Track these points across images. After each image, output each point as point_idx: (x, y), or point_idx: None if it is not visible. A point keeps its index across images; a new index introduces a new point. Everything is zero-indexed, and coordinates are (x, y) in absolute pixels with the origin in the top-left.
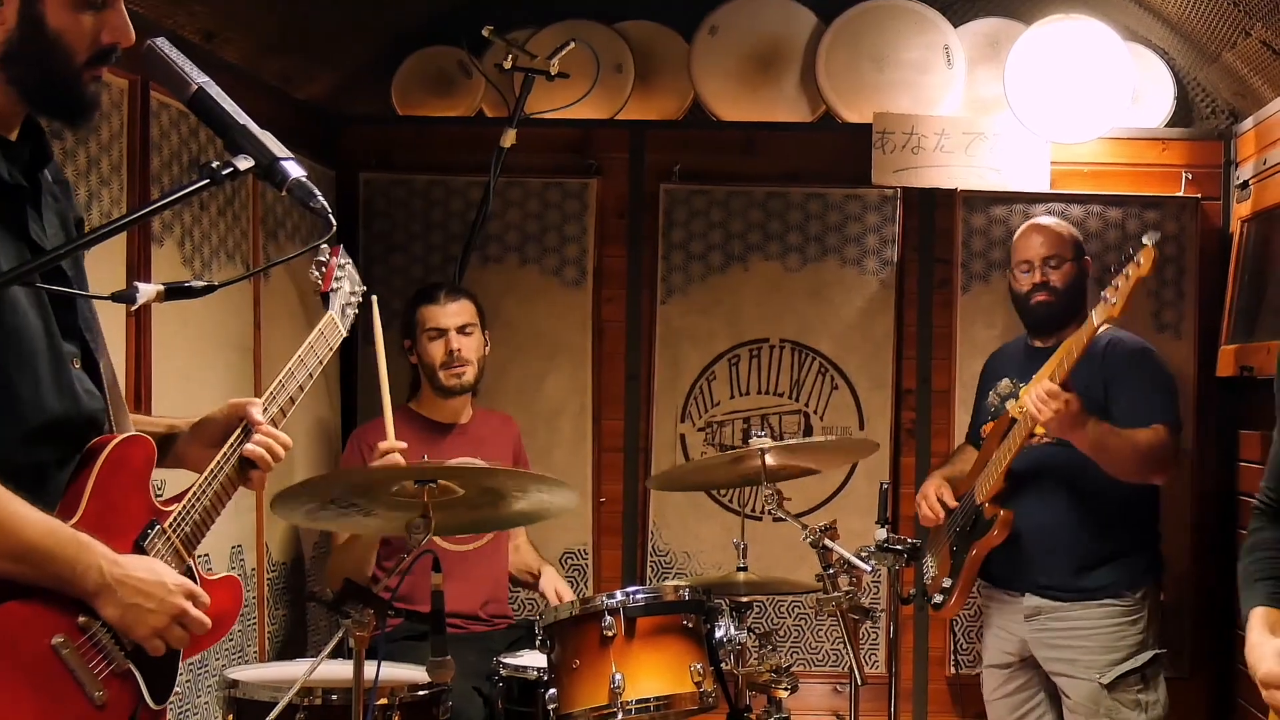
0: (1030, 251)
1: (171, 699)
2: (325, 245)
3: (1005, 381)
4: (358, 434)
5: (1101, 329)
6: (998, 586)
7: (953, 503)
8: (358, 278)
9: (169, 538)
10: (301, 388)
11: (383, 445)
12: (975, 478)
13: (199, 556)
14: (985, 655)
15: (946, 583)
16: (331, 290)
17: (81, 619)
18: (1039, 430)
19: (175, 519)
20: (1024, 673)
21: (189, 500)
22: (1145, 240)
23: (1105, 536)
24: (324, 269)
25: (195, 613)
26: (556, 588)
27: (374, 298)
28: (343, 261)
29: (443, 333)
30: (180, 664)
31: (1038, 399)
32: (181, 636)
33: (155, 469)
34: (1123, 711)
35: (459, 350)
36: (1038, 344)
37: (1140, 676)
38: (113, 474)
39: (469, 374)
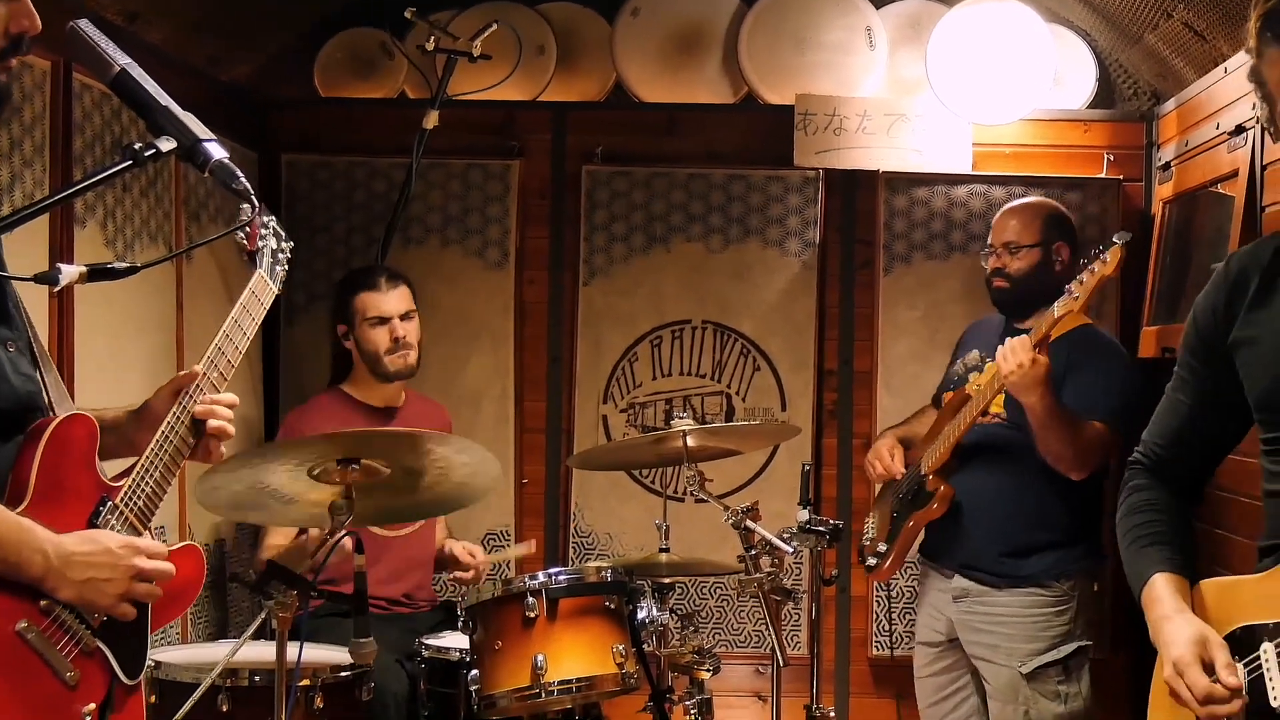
0: (994, 235)
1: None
2: (246, 205)
3: (974, 353)
4: (294, 417)
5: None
6: (932, 562)
7: (902, 468)
8: (283, 234)
9: (123, 513)
10: (239, 349)
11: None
12: (927, 445)
13: (155, 529)
14: (918, 632)
15: (882, 547)
16: (258, 249)
17: (43, 602)
18: (996, 409)
19: (126, 493)
20: (952, 653)
21: (139, 473)
22: (1115, 239)
23: (1039, 525)
24: (248, 228)
25: (151, 564)
26: (464, 545)
27: None
28: (266, 219)
29: (385, 320)
30: (150, 636)
31: (1007, 349)
32: (148, 590)
33: (106, 461)
34: (1041, 702)
35: (404, 337)
36: (1015, 324)
37: (1062, 668)
38: (58, 454)
39: (413, 356)
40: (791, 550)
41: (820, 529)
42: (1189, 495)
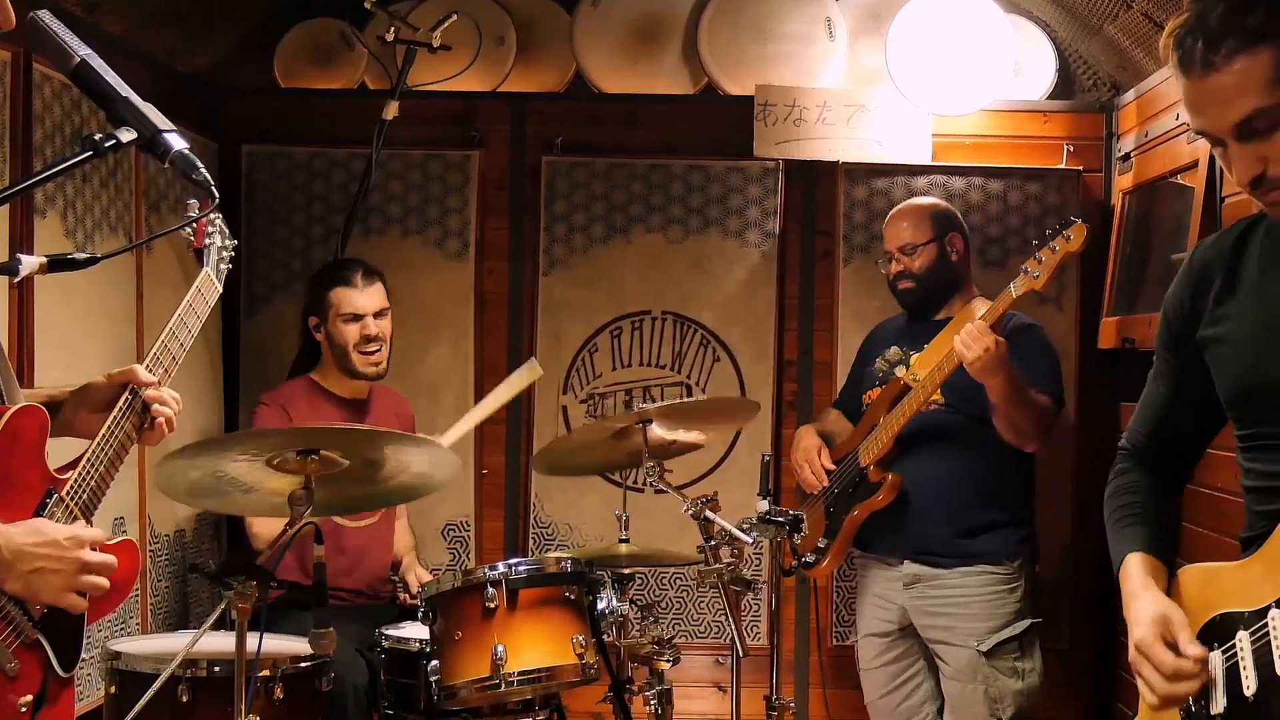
0: (889, 242)
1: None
2: (194, 201)
3: (895, 349)
4: (270, 398)
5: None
6: (875, 554)
7: (830, 465)
8: (228, 232)
9: (68, 505)
10: (184, 346)
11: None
12: (857, 441)
13: (115, 520)
14: (861, 625)
15: (821, 543)
16: (205, 246)
17: None
18: (936, 399)
19: (72, 486)
20: (903, 641)
21: (85, 466)
22: (1073, 219)
23: (986, 505)
24: (194, 226)
25: (96, 557)
26: (418, 574)
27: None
28: (213, 217)
29: (359, 317)
30: (85, 630)
31: (966, 336)
32: (94, 584)
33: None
34: (1000, 679)
35: (376, 334)
36: (919, 323)
37: (1018, 644)
38: (8, 447)
39: (384, 358)
40: (751, 541)
41: (780, 519)
42: (1175, 479)
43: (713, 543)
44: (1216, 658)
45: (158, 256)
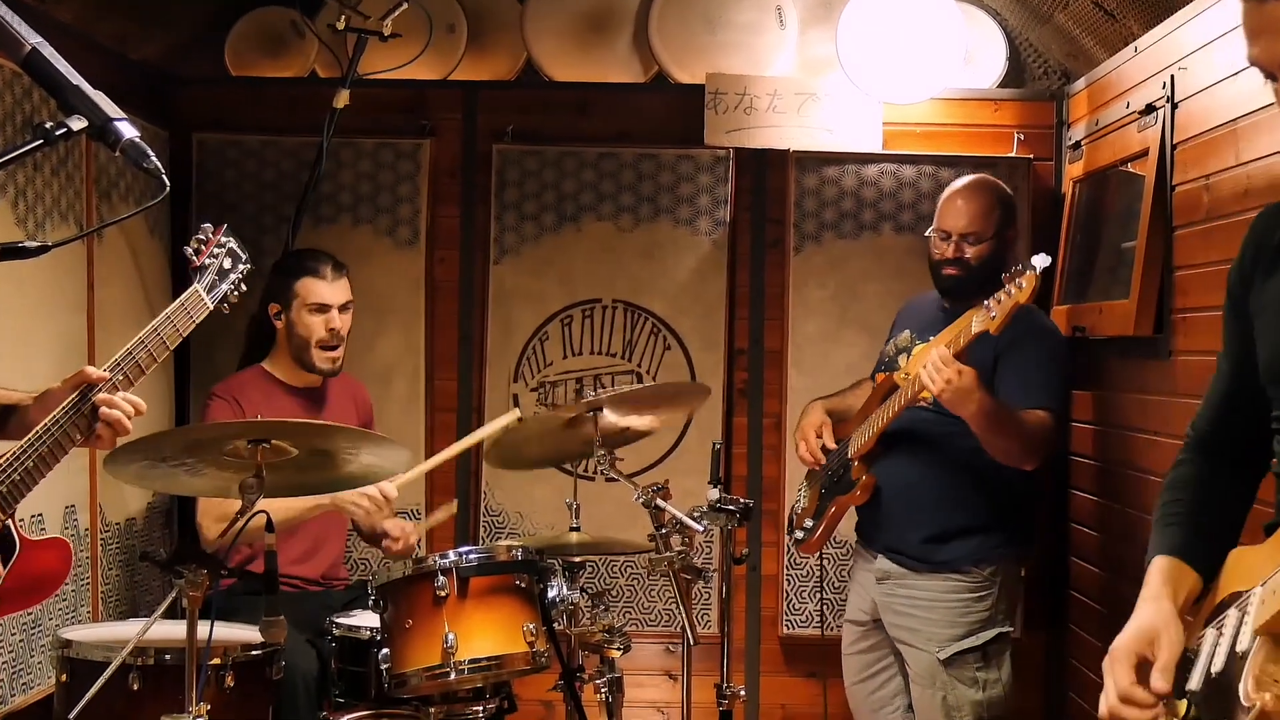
0: (950, 222)
1: None
2: (209, 225)
3: (906, 334)
4: (223, 389)
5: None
6: (861, 543)
7: (832, 444)
8: (243, 255)
9: None
10: (154, 357)
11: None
12: (855, 426)
13: (33, 516)
14: (847, 608)
15: (809, 522)
16: (202, 266)
17: None
18: (924, 396)
19: None
20: (877, 633)
21: (9, 458)
22: (1034, 262)
23: (961, 509)
24: (203, 245)
25: None
26: (396, 521)
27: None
28: (224, 239)
29: (326, 309)
30: None
31: (931, 368)
32: None
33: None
34: (959, 687)
35: (339, 329)
36: (948, 304)
37: (981, 654)
38: None
39: (341, 356)
40: (702, 529)
41: (730, 507)
42: (1244, 468)
43: (663, 531)
44: (1210, 635)
45: (109, 246)
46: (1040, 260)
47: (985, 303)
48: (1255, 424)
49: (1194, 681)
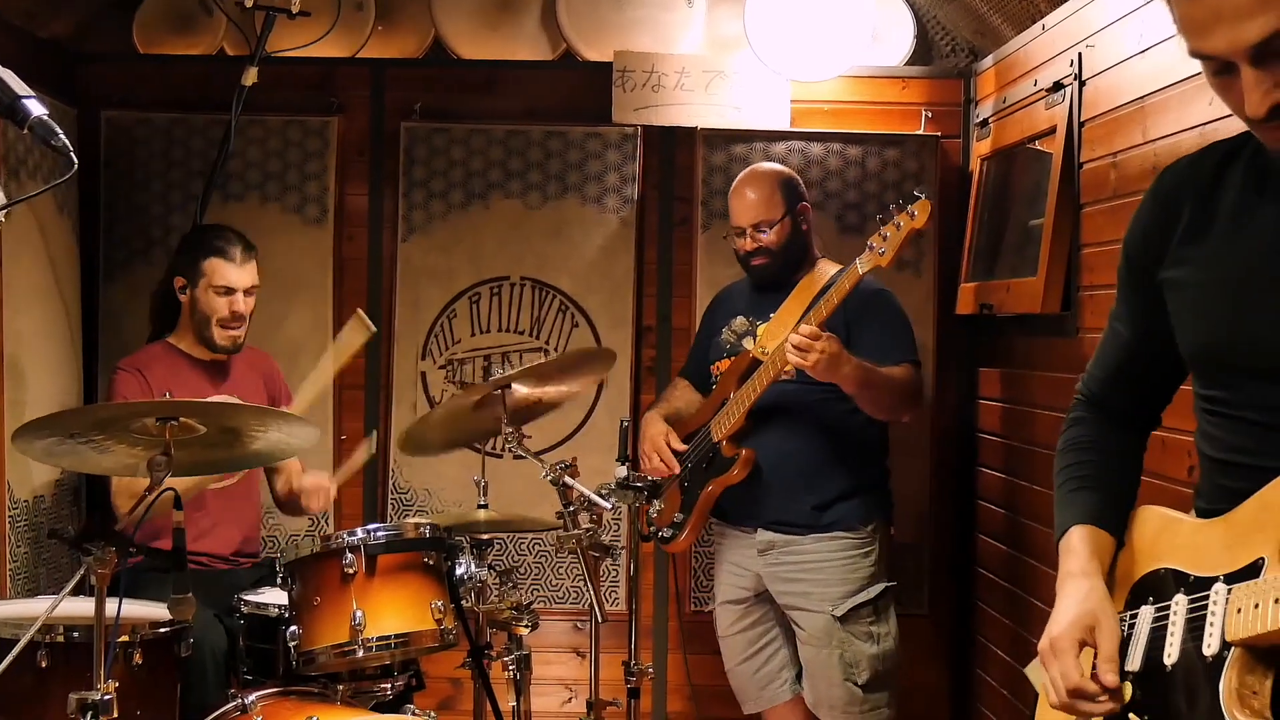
0: (739, 218)
1: None
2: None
3: (740, 319)
4: (129, 363)
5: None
6: (730, 523)
7: (680, 446)
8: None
9: None
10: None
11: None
12: (708, 416)
13: None
14: (718, 592)
15: (678, 518)
16: None
17: None
18: (788, 370)
19: None
20: (759, 608)
21: None
22: (918, 193)
23: (840, 472)
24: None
25: None
26: (312, 477)
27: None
28: None
29: (231, 291)
30: None
31: (798, 346)
32: None
33: None
34: (855, 643)
35: (242, 312)
36: (770, 293)
37: (872, 608)
38: None
39: (243, 334)
40: (610, 506)
41: (638, 485)
42: (1139, 429)
43: (571, 508)
44: (1146, 613)
45: (16, 223)
46: (921, 191)
47: (869, 242)
48: (1152, 389)
49: (1133, 662)
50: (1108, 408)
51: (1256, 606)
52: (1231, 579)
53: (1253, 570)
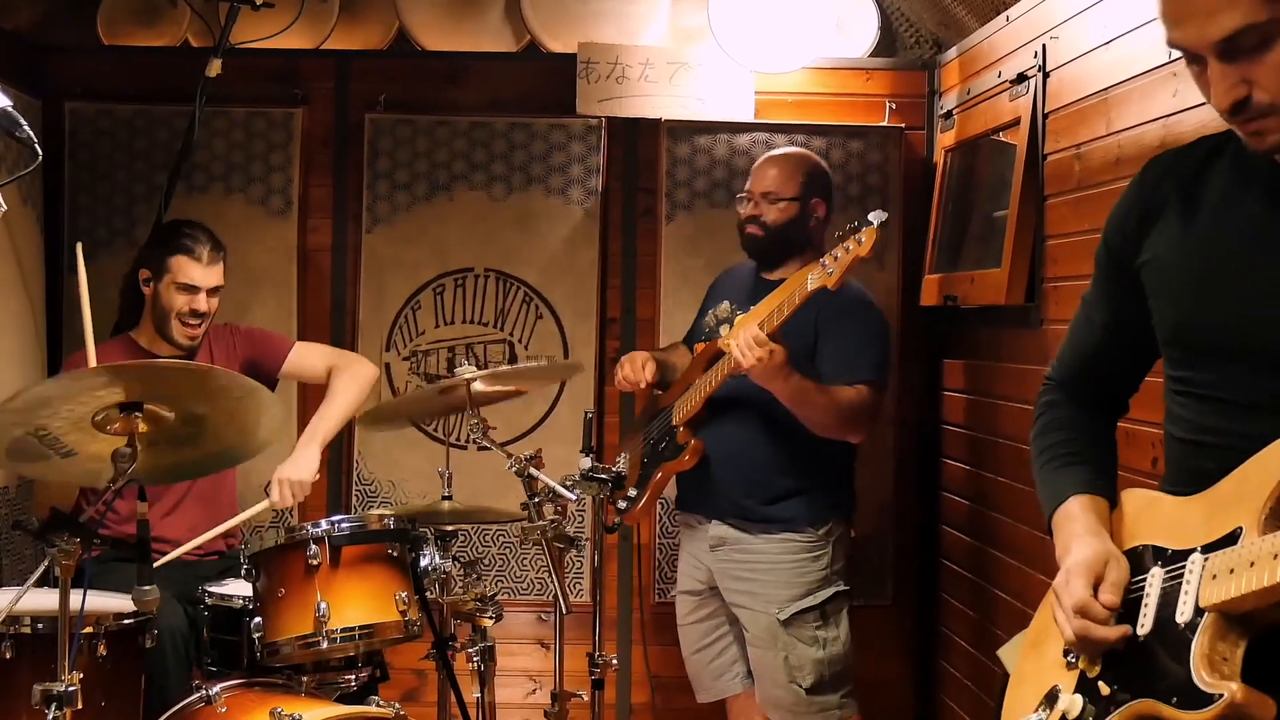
0: (753, 183)
1: None
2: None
3: (725, 305)
4: (80, 358)
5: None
6: (688, 512)
7: (649, 378)
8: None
9: None
10: None
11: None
12: (678, 394)
13: None
14: (679, 581)
15: (632, 492)
16: None
17: None
18: None
19: None
20: (712, 601)
21: None
22: (871, 218)
23: (792, 471)
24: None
25: None
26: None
27: (80, 245)
28: None
29: (195, 290)
30: None
31: (743, 345)
32: None
33: None
34: (799, 646)
35: (203, 311)
36: (764, 275)
37: (819, 613)
38: None
39: (201, 333)
40: (574, 498)
41: (603, 476)
42: (1110, 413)
43: (536, 500)
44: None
45: None
46: (877, 215)
47: (821, 260)
48: (1122, 375)
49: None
50: (1079, 392)
51: (1232, 572)
52: (1208, 549)
53: (1230, 539)
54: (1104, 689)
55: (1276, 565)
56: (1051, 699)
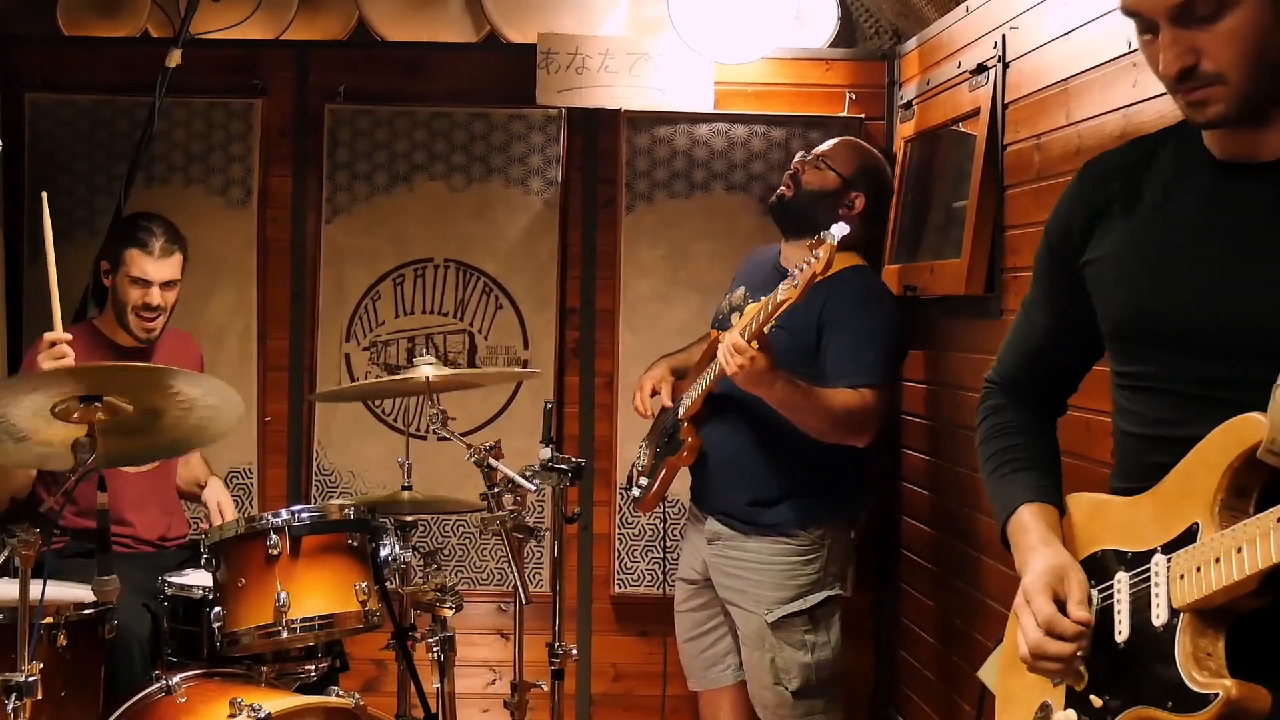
0: (819, 147)
1: None
2: None
3: (740, 291)
4: (30, 354)
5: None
6: (694, 503)
7: (669, 401)
8: None
9: None
10: None
11: (48, 336)
12: (688, 385)
13: None
14: (680, 566)
15: (644, 481)
16: None
17: None
18: None
19: None
20: (707, 592)
21: None
22: (832, 231)
23: (786, 473)
24: None
25: None
26: (220, 500)
27: (44, 194)
28: None
29: (148, 284)
30: None
31: (726, 350)
32: None
33: None
34: (787, 649)
35: (158, 304)
36: (784, 246)
37: (809, 617)
38: None
39: (159, 326)
40: (534, 488)
41: (562, 467)
42: (1051, 412)
43: (495, 490)
44: (1093, 596)
45: None
46: (838, 229)
47: (792, 270)
48: (1065, 375)
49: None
50: (1023, 394)
51: (1198, 570)
52: (1169, 548)
53: (1189, 536)
54: (1095, 701)
55: (1242, 559)
56: (1044, 718)
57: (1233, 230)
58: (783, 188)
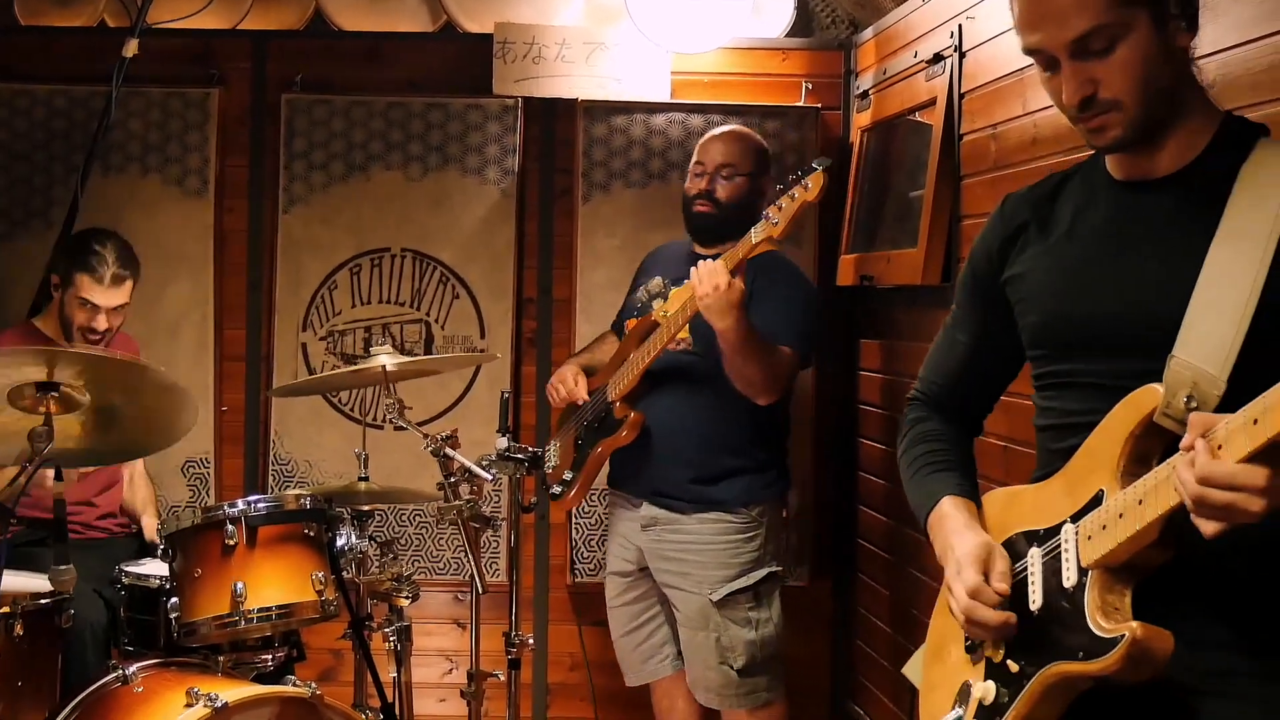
0: (706, 156)
1: None
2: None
3: (657, 280)
4: None
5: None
6: (619, 491)
7: (585, 394)
8: None
9: None
10: None
11: None
12: (610, 374)
13: None
14: (608, 562)
15: (568, 475)
16: None
17: None
18: (682, 338)
19: None
20: (643, 582)
21: None
22: (816, 165)
23: (727, 450)
24: None
25: None
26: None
27: None
28: None
29: (96, 309)
30: None
31: (702, 271)
32: None
33: None
34: (732, 628)
35: (101, 328)
36: (699, 250)
37: (752, 594)
38: None
39: (102, 345)
40: (491, 477)
41: (519, 456)
42: (971, 427)
43: (452, 480)
44: (1012, 572)
45: None
46: (821, 161)
47: (765, 212)
48: (985, 393)
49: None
50: (945, 409)
51: (1104, 528)
52: (1076, 517)
53: (1096, 502)
54: (1012, 667)
55: (1143, 510)
56: (964, 694)
57: (1135, 239)
58: (701, 207)
